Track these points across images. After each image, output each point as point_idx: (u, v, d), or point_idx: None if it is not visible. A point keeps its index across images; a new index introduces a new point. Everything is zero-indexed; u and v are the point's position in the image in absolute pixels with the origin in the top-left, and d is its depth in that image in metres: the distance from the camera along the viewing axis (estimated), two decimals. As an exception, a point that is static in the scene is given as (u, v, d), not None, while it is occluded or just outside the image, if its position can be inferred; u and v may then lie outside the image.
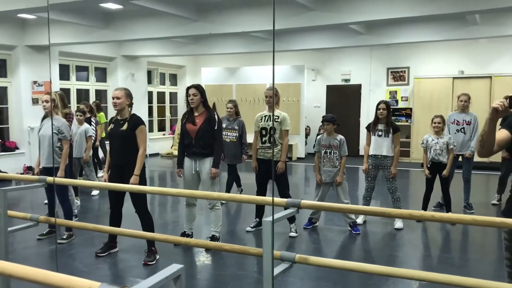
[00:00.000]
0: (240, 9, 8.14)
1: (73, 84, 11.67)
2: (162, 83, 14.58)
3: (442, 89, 11.78)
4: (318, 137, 5.79)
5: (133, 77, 12.74)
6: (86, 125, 6.96)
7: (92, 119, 7.83)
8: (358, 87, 13.11)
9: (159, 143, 13.91)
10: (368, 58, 12.84)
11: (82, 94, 11.92)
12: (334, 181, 5.49)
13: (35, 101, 9.92)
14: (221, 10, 8.27)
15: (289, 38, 10.58)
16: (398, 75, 12.68)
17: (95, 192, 7.48)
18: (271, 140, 5.30)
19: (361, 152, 11.89)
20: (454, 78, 11.67)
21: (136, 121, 4.40)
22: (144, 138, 4.37)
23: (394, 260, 4.66)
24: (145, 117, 13.05)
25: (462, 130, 6.36)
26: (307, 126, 13.30)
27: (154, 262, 4.34)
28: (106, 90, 12.59)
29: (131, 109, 4.47)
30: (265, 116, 5.42)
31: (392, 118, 11.63)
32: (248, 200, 3.10)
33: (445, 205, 6.06)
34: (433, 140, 5.96)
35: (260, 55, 13.19)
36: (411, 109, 12.25)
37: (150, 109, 14.00)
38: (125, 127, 4.35)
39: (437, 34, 9.43)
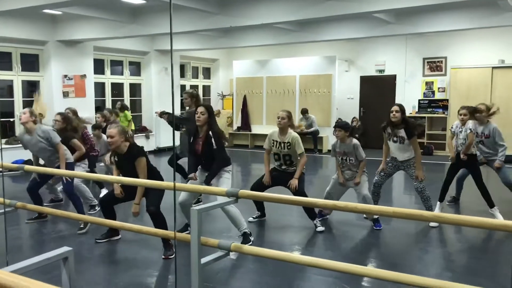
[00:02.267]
0: (263, 0, 8.08)
1: (108, 78, 12.01)
2: (195, 76, 14.73)
3: (480, 79, 11.23)
4: (332, 144, 5.59)
5: (166, 70, 12.95)
6: (104, 137, 7.32)
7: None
8: (393, 77, 12.75)
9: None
10: (403, 48, 12.44)
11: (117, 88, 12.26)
12: (354, 182, 5.32)
13: (65, 94, 10.30)
14: (244, 2, 8.23)
15: (318, 28, 10.41)
16: (434, 65, 12.23)
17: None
18: (287, 163, 5.27)
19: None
20: (493, 68, 11.10)
21: (135, 152, 4.55)
22: (144, 167, 4.48)
23: (407, 260, 4.51)
24: (177, 111, 13.27)
25: (482, 143, 5.87)
26: (339, 118, 13.04)
27: (173, 255, 4.33)
28: (140, 84, 12.87)
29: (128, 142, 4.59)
30: (276, 141, 5.25)
31: (429, 110, 11.58)
32: (204, 190, 3.08)
33: (485, 200, 5.72)
34: (457, 127, 5.81)
35: (290, 46, 13.08)
36: (447, 100, 11.79)
37: (183, 103, 14.19)
38: (127, 161, 4.51)
39: (472, 21, 8.99)
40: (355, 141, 5.35)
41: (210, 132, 4.68)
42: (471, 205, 6.36)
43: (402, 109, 5.38)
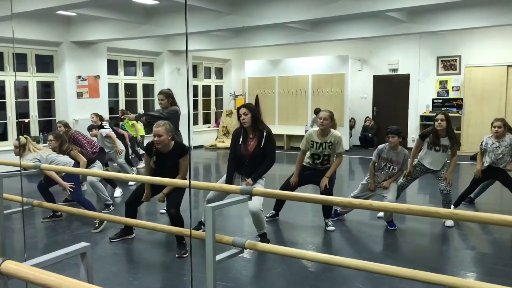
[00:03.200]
0: (275, 0, 8.07)
1: (121, 79, 12.09)
2: (208, 76, 14.78)
3: (495, 78, 11.12)
4: (379, 147, 5.38)
5: (179, 71, 13.01)
6: (100, 131, 7.75)
7: (103, 124, 8.20)
8: (407, 77, 12.66)
9: (203, 136, 14.13)
10: (417, 46, 12.34)
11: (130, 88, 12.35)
12: (381, 185, 5.24)
13: (79, 95, 10.39)
14: (256, 2, 8.24)
15: (331, 28, 10.37)
16: (448, 64, 12.11)
17: (132, 182, 7.74)
18: (323, 163, 5.19)
19: (410, 145, 11.57)
20: (508, 66, 10.97)
21: (182, 150, 4.50)
22: (186, 165, 4.45)
23: (425, 259, 4.47)
24: (190, 110, 13.32)
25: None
26: (352, 118, 13.02)
27: (187, 254, 4.34)
28: (153, 85, 12.94)
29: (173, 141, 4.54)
30: (316, 143, 5.12)
31: (443, 109, 11.44)
32: (220, 188, 3.10)
33: None
34: (493, 143, 5.56)
35: (302, 46, 13.06)
36: (462, 99, 11.67)
37: (196, 103, 14.27)
38: (171, 159, 4.45)
39: (488, 19, 8.86)
40: (406, 152, 5.24)
41: (264, 132, 4.63)
42: (487, 206, 6.27)
43: (447, 118, 5.24)
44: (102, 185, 6.12)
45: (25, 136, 5.45)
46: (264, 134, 4.64)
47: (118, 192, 7.07)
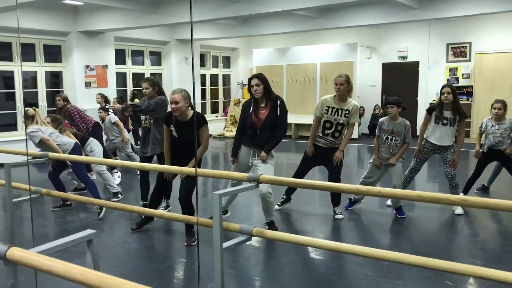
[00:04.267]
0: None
1: (129, 68, 12.10)
2: (215, 65, 14.73)
3: (506, 65, 10.97)
4: (380, 120, 5.34)
5: (187, 60, 12.98)
6: (109, 116, 7.71)
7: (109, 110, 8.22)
8: (416, 64, 12.53)
9: (212, 125, 13.96)
10: (426, 33, 12.18)
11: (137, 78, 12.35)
12: (388, 162, 5.16)
13: (87, 85, 10.41)
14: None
15: (339, 15, 10.27)
16: (458, 51, 11.95)
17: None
18: (335, 135, 5.01)
19: (418, 133, 11.42)
20: (520, 52, 10.82)
21: (201, 120, 4.36)
22: (208, 136, 4.36)
23: (433, 246, 4.45)
24: (198, 100, 13.31)
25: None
26: (361, 106, 12.90)
27: (196, 242, 4.32)
28: (161, 74, 12.94)
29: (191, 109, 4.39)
30: (332, 108, 4.95)
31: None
32: (227, 176, 3.09)
33: None
34: (493, 126, 5.54)
35: (310, 34, 12.96)
36: (472, 86, 11.53)
37: (203, 92, 14.24)
38: (190, 129, 4.28)
39: (499, 5, 8.70)
40: (407, 122, 5.14)
41: (278, 101, 4.54)
42: (500, 195, 6.17)
43: (454, 91, 5.15)
44: (109, 174, 6.15)
45: (33, 108, 5.50)
46: (278, 102, 4.54)
47: (116, 176, 7.22)
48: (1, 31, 8.90)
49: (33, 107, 5.57)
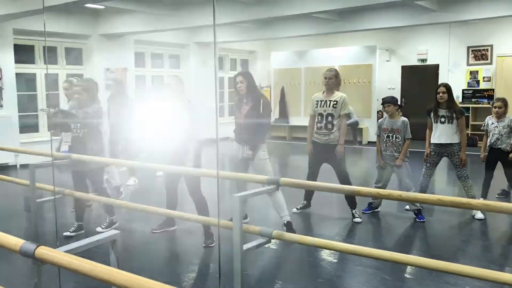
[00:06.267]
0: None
1: (148, 71, 12.21)
2: (233, 68, 14.78)
3: (528, 67, 10.79)
4: (379, 120, 5.49)
5: (205, 63, 13.05)
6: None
7: None
8: (436, 67, 12.39)
9: (230, 127, 14.12)
10: (447, 36, 12.04)
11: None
12: (394, 164, 5.19)
13: (108, 87, 10.53)
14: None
15: (358, 17, 10.22)
16: (479, 54, 11.79)
17: (159, 173, 7.81)
18: (327, 127, 5.13)
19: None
20: (543, 55, 10.64)
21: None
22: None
23: (451, 252, 4.40)
24: (217, 102, 13.35)
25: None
26: (380, 110, 12.84)
27: (214, 244, 4.37)
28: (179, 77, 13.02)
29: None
30: (321, 101, 5.18)
31: (473, 100, 11.19)
32: (247, 178, 3.10)
33: None
34: (493, 124, 5.55)
35: (329, 37, 12.89)
36: (493, 90, 11.37)
37: (222, 94, 14.29)
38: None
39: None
40: (404, 118, 5.24)
41: (261, 99, 4.70)
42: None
43: (448, 89, 5.22)
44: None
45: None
46: (262, 100, 4.71)
47: (131, 180, 7.16)
48: (25, 34, 9.09)
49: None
